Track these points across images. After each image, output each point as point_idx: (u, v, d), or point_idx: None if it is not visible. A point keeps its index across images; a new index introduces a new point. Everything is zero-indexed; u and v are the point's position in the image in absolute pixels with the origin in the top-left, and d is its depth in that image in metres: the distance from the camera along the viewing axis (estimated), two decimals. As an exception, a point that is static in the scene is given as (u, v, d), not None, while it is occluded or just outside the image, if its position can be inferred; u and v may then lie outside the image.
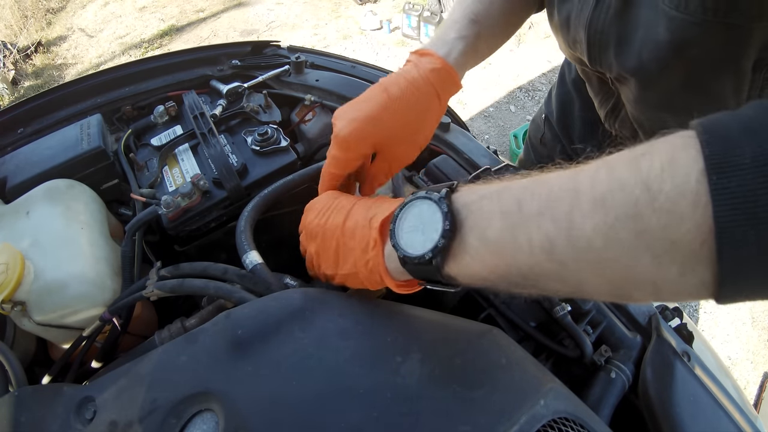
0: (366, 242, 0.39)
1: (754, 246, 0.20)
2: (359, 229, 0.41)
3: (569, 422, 0.35)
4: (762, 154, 0.20)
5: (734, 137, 0.21)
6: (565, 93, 0.91)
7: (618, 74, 0.59)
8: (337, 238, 0.43)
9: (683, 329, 0.65)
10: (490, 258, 0.30)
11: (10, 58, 3.09)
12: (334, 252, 0.44)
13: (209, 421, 0.35)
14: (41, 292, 0.51)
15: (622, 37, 0.53)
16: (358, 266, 0.40)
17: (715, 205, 0.20)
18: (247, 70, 0.92)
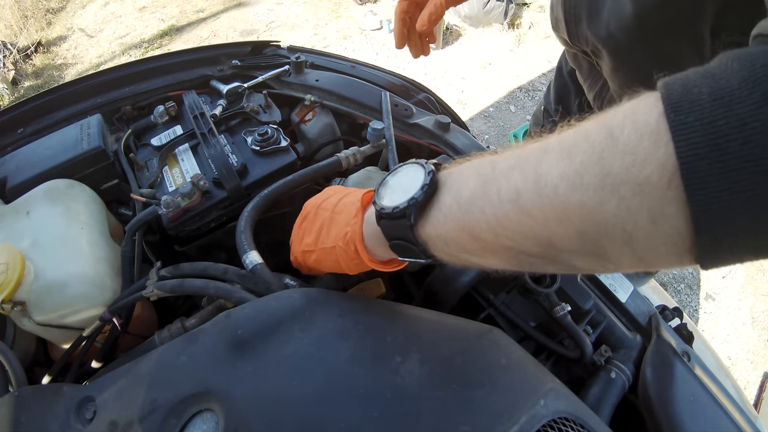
0: (350, 214, 0.41)
1: (721, 179, 0.19)
2: (348, 204, 0.43)
3: (569, 422, 0.35)
4: (719, 89, 0.20)
5: (692, 80, 0.21)
6: (563, 85, 0.95)
7: (594, 47, 0.64)
8: (327, 213, 0.45)
9: (683, 329, 0.65)
10: (461, 215, 0.30)
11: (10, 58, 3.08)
12: (319, 226, 0.45)
13: (209, 421, 0.35)
14: (41, 292, 0.51)
15: (592, 10, 0.59)
16: (338, 239, 0.42)
17: (676, 141, 0.20)
18: (247, 70, 0.92)
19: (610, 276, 0.67)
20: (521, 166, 0.27)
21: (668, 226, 0.21)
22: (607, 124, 0.24)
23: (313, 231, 0.47)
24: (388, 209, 0.34)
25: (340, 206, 0.44)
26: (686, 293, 1.98)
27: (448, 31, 3.27)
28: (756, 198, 0.19)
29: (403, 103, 0.84)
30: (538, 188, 0.25)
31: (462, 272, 0.57)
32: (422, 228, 0.33)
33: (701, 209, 0.20)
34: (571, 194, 0.24)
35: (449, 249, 0.33)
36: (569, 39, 0.68)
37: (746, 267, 2.10)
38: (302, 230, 0.49)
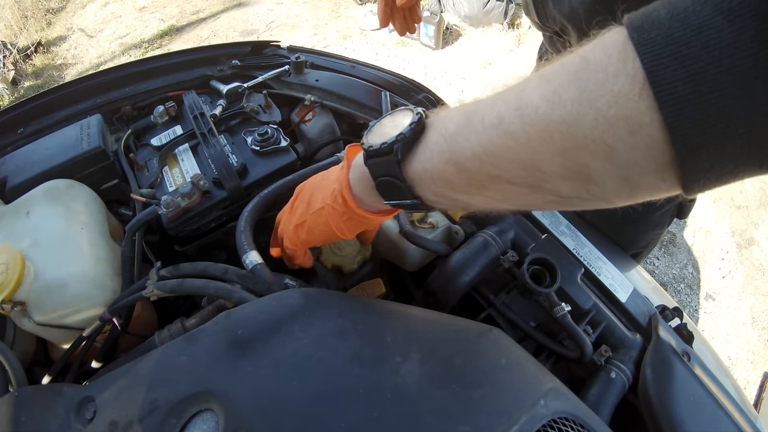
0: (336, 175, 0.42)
1: (689, 83, 0.20)
2: (335, 169, 0.44)
3: (569, 422, 0.35)
4: (674, 9, 0.21)
5: (651, 8, 0.23)
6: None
7: (561, 25, 0.68)
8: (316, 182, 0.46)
9: (683, 329, 0.65)
10: (447, 147, 0.31)
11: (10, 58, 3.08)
12: (309, 196, 0.46)
13: (209, 421, 0.35)
14: (41, 292, 0.51)
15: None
16: (326, 198, 0.42)
17: (641, 54, 0.21)
18: (247, 70, 0.92)
19: (610, 276, 0.67)
20: (503, 97, 0.28)
21: (645, 135, 0.22)
22: (580, 52, 0.25)
23: (303, 202, 0.47)
24: (375, 145, 0.35)
25: (328, 173, 0.46)
26: (686, 293, 1.98)
27: (448, 31, 3.27)
28: (724, 98, 0.20)
29: (403, 103, 0.84)
30: (520, 111, 0.26)
31: (462, 272, 0.57)
32: (409, 165, 0.34)
33: (673, 114, 0.21)
34: (551, 112, 0.25)
35: (435, 186, 0.33)
36: (539, 20, 0.71)
37: (746, 267, 2.10)
38: (293, 207, 0.49)
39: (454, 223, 0.65)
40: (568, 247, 0.69)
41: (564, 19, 0.66)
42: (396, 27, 0.74)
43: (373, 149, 0.35)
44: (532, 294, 0.56)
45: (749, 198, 2.37)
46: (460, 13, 3.07)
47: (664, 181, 0.24)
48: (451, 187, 0.32)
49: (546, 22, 0.72)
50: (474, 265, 0.58)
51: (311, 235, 0.47)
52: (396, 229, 0.61)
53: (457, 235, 0.65)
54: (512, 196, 0.30)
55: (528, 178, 0.28)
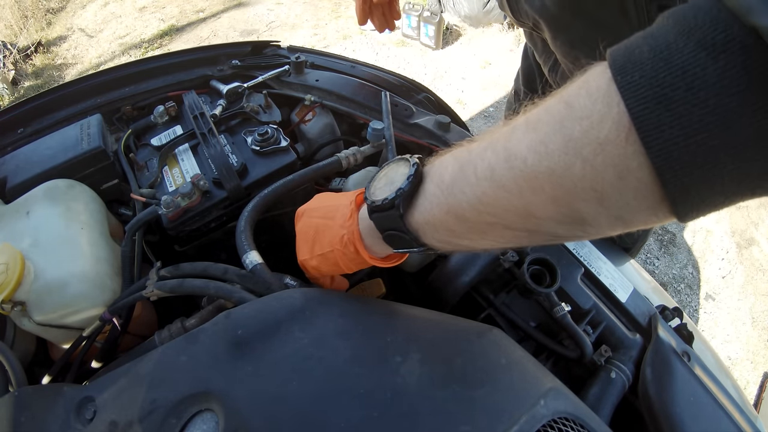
0: (344, 216, 0.42)
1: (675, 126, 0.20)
2: (341, 207, 0.43)
3: (569, 422, 0.35)
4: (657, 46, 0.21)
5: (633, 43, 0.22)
6: (528, 66, 1.02)
7: (534, 20, 0.69)
8: (319, 217, 0.45)
9: (683, 329, 0.65)
10: (444, 199, 0.32)
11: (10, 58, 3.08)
12: (314, 231, 0.45)
13: (209, 421, 0.35)
14: (41, 292, 0.51)
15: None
16: (334, 243, 0.42)
17: (626, 99, 0.21)
18: (247, 70, 0.92)
19: (610, 276, 0.67)
20: (493, 146, 0.29)
21: (634, 179, 0.22)
22: (564, 96, 0.25)
23: (307, 241, 0.47)
24: (378, 201, 0.36)
25: (331, 211, 0.45)
26: (686, 293, 1.98)
27: (448, 31, 3.27)
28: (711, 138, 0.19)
29: (403, 103, 0.84)
30: (509, 163, 0.27)
31: (462, 272, 0.57)
32: (411, 216, 0.35)
33: (661, 158, 0.21)
34: (538, 163, 0.25)
35: (439, 234, 0.34)
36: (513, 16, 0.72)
37: (746, 267, 2.10)
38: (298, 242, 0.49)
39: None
40: (568, 247, 0.69)
41: (536, 15, 0.67)
42: (375, 24, 0.73)
43: (376, 205, 0.36)
44: (532, 294, 0.56)
45: (749, 198, 2.36)
46: (460, 13, 3.07)
47: (657, 216, 0.24)
48: (454, 234, 0.33)
49: (520, 18, 0.73)
50: (474, 265, 0.58)
51: (320, 270, 0.47)
52: (396, 229, 0.61)
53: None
54: (513, 239, 0.31)
55: (525, 224, 0.29)
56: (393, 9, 0.73)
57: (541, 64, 0.86)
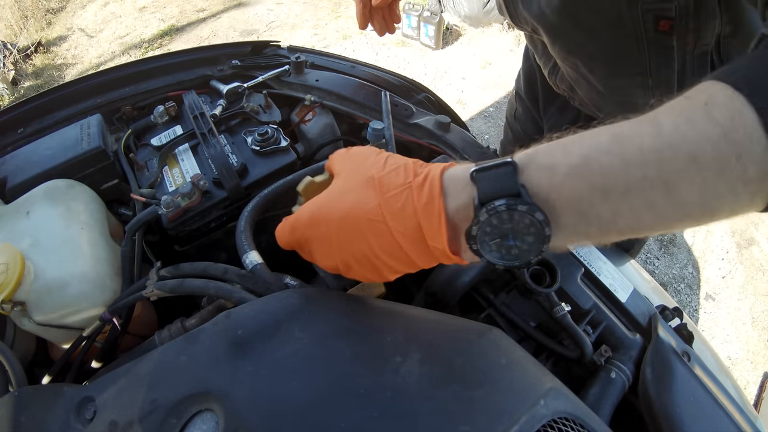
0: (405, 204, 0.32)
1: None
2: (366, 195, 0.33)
3: (569, 422, 0.35)
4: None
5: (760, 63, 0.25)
6: (529, 67, 1.02)
7: (532, 26, 0.69)
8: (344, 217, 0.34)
9: (683, 329, 0.65)
10: (587, 229, 0.28)
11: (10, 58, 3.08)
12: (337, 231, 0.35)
13: (209, 421, 0.35)
14: (41, 292, 0.51)
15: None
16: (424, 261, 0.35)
17: (763, 123, 0.23)
18: (247, 70, 0.92)
19: (610, 276, 0.67)
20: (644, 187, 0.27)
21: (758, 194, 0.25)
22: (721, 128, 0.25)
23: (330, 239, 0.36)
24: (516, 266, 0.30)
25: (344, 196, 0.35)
26: (686, 293, 1.98)
27: (448, 31, 3.27)
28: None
29: (403, 103, 0.84)
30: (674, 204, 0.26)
31: (462, 272, 0.57)
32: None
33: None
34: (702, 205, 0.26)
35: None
36: (512, 20, 0.73)
37: (746, 267, 2.10)
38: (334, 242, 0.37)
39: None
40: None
41: (534, 21, 0.67)
42: (375, 28, 0.73)
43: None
44: (532, 294, 0.56)
45: (749, 198, 2.36)
46: (460, 13, 3.07)
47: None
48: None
49: (519, 23, 0.74)
50: (474, 266, 0.58)
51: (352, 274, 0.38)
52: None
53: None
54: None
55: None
56: (393, 12, 0.73)
57: (541, 66, 0.87)
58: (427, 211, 0.30)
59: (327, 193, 0.37)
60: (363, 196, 0.33)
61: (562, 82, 0.81)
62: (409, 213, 0.31)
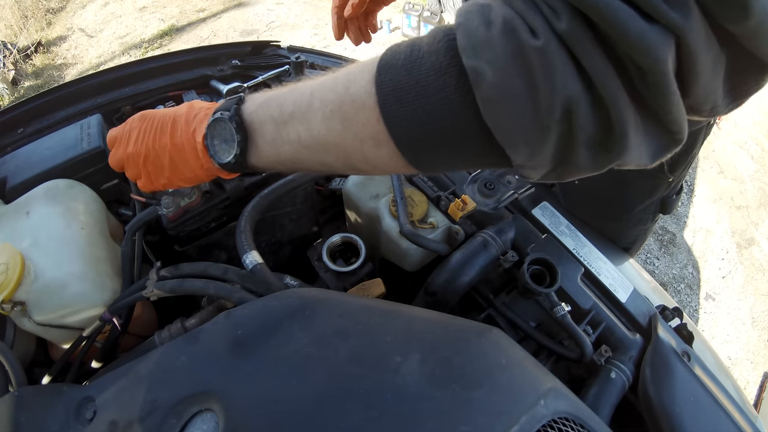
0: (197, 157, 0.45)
1: (404, 117, 0.30)
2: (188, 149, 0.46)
3: (569, 422, 0.35)
4: (411, 55, 0.30)
5: (402, 48, 0.31)
6: None
7: None
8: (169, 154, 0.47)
9: (683, 329, 0.65)
10: (272, 150, 0.40)
11: (10, 58, 3.08)
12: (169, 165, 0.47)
13: (209, 421, 0.35)
14: (41, 292, 0.51)
15: None
16: (198, 173, 0.46)
17: (378, 93, 0.31)
18: (247, 70, 0.92)
19: (610, 276, 0.67)
20: (300, 117, 0.37)
21: (387, 149, 0.32)
22: (350, 74, 0.34)
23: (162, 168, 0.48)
24: (225, 163, 0.42)
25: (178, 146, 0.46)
26: (686, 293, 1.99)
27: (448, 31, 3.26)
28: (431, 126, 0.30)
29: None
30: (311, 133, 0.36)
31: (462, 272, 0.57)
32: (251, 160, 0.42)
33: (397, 137, 0.31)
34: (328, 136, 0.35)
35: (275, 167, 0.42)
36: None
37: (746, 267, 2.10)
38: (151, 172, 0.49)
39: (455, 224, 0.65)
40: (568, 247, 0.69)
41: None
42: (351, 38, 0.73)
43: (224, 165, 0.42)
44: (532, 294, 0.56)
45: (749, 198, 2.37)
46: (460, 13, 3.06)
47: (409, 169, 0.34)
48: (285, 168, 0.42)
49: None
50: (474, 265, 0.58)
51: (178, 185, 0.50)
52: (396, 229, 0.61)
53: (458, 235, 0.65)
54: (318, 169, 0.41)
55: (324, 167, 0.39)
56: (369, 23, 0.73)
57: None
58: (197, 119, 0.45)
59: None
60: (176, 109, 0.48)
61: None
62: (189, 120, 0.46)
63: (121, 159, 0.49)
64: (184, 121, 0.46)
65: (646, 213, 0.90)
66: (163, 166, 0.47)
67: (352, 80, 0.33)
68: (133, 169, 0.49)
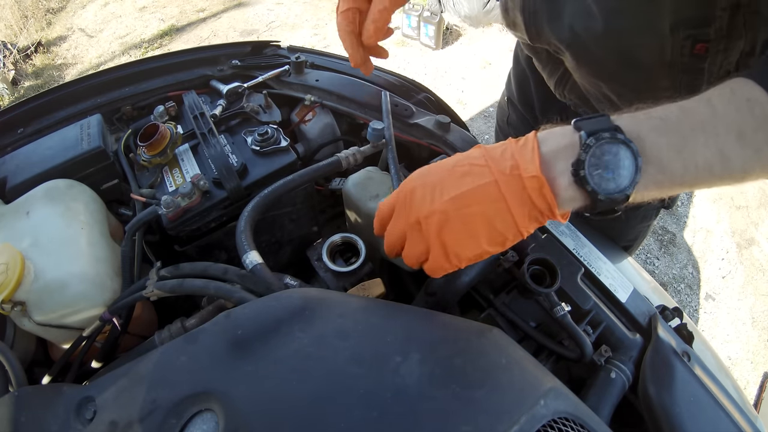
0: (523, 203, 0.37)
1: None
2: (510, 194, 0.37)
3: (569, 422, 0.35)
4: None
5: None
6: (521, 72, 0.96)
7: (556, 47, 0.66)
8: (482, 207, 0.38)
9: (683, 329, 0.65)
10: (662, 179, 0.36)
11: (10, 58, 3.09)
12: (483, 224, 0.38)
13: (209, 421, 0.35)
14: (41, 292, 0.51)
15: (552, 13, 0.60)
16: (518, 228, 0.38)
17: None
18: (247, 70, 0.92)
19: (610, 276, 0.67)
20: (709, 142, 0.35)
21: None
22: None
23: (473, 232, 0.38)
24: (611, 194, 0.36)
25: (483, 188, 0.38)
26: (686, 293, 1.99)
27: (448, 31, 3.27)
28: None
29: (403, 103, 0.84)
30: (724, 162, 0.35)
31: (462, 272, 0.57)
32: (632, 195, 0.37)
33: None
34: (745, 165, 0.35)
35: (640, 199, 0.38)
36: (529, 40, 0.69)
37: (746, 267, 2.10)
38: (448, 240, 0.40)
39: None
40: (568, 247, 0.69)
41: (560, 44, 0.63)
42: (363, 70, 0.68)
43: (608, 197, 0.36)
44: (532, 294, 0.56)
45: (749, 198, 2.37)
46: (460, 13, 3.07)
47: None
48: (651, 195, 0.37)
49: (537, 44, 0.70)
50: (474, 266, 0.58)
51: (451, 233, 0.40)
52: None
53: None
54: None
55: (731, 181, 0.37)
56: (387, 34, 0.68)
57: (544, 74, 0.82)
58: (522, 150, 0.37)
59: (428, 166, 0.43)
60: (468, 153, 0.40)
61: (571, 93, 0.78)
62: (507, 156, 0.37)
63: (402, 231, 0.41)
64: (487, 160, 0.38)
65: (649, 209, 0.90)
66: (473, 226, 0.38)
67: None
68: (420, 245, 0.41)
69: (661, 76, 0.58)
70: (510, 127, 1.08)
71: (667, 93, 0.59)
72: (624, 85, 0.63)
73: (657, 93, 0.61)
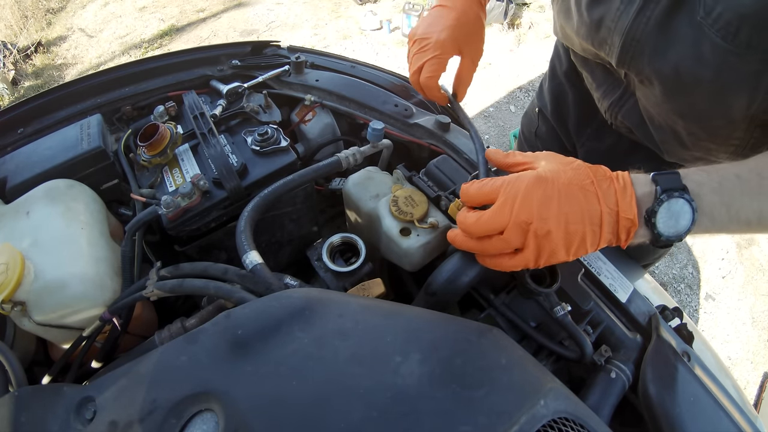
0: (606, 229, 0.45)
1: None
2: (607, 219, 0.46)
3: (569, 422, 0.35)
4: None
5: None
6: (558, 85, 0.92)
7: (645, 78, 0.62)
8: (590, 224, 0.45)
9: (683, 329, 0.65)
10: (710, 226, 0.45)
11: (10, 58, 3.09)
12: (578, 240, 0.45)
13: (209, 421, 0.35)
14: (41, 292, 0.51)
15: (658, 47, 0.57)
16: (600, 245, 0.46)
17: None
18: (247, 70, 0.92)
19: (610, 276, 0.67)
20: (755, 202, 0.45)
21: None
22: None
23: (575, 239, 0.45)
24: (670, 238, 0.45)
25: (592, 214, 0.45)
26: (686, 293, 1.99)
27: (448, 31, 3.25)
28: None
29: (403, 103, 0.84)
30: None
31: (462, 272, 0.57)
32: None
33: None
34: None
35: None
36: (616, 64, 0.64)
37: (746, 267, 2.10)
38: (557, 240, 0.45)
39: (455, 224, 0.65)
40: (568, 247, 0.69)
41: (656, 79, 0.60)
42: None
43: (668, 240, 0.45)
44: (532, 294, 0.56)
45: (749, 198, 2.36)
46: (460, 13, 3.06)
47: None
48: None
49: (624, 69, 0.65)
50: (474, 265, 0.58)
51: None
52: (396, 229, 0.61)
53: (457, 235, 0.65)
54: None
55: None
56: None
57: (598, 92, 0.77)
58: (624, 193, 0.45)
59: (535, 170, 0.48)
60: (580, 173, 0.47)
61: (627, 115, 0.73)
62: (611, 193, 0.45)
63: (503, 222, 0.45)
64: (596, 187, 0.45)
65: None
66: (571, 240, 0.45)
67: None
68: (516, 241, 0.45)
69: (741, 129, 0.58)
70: (538, 139, 1.04)
71: (735, 142, 0.61)
72: (704, 129, 0.62)
73: (728, 141, 0.61)
